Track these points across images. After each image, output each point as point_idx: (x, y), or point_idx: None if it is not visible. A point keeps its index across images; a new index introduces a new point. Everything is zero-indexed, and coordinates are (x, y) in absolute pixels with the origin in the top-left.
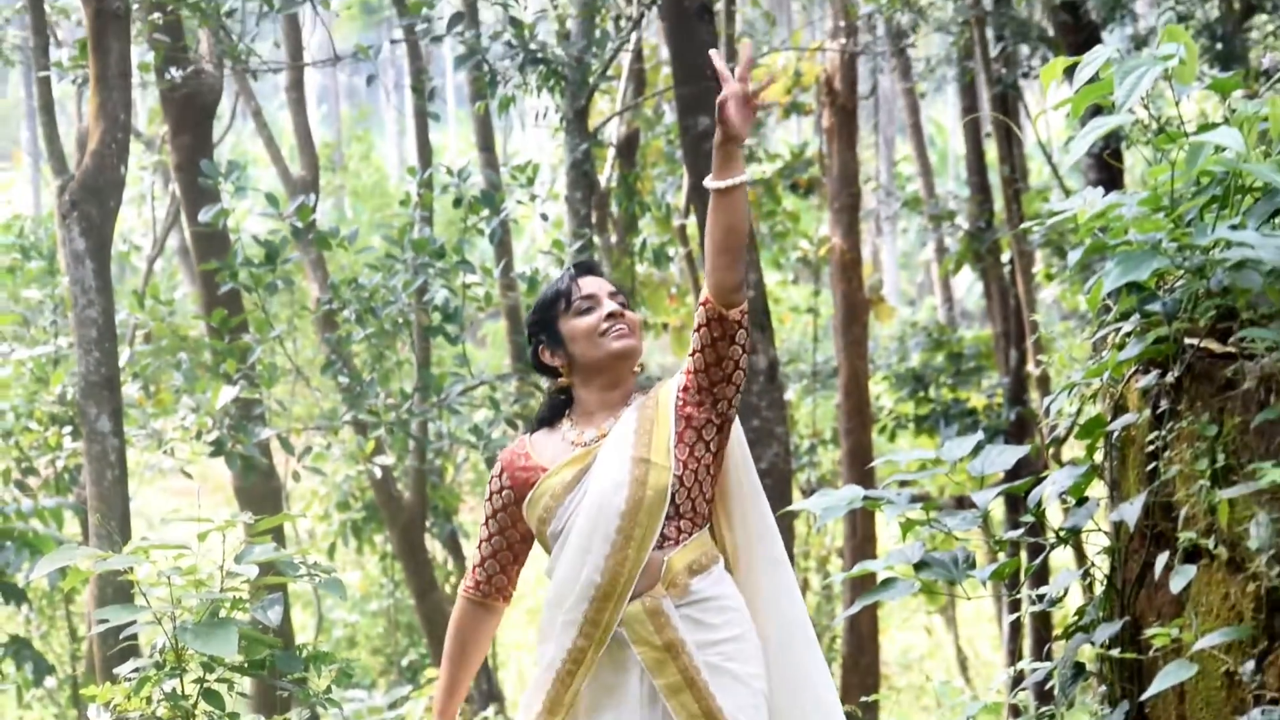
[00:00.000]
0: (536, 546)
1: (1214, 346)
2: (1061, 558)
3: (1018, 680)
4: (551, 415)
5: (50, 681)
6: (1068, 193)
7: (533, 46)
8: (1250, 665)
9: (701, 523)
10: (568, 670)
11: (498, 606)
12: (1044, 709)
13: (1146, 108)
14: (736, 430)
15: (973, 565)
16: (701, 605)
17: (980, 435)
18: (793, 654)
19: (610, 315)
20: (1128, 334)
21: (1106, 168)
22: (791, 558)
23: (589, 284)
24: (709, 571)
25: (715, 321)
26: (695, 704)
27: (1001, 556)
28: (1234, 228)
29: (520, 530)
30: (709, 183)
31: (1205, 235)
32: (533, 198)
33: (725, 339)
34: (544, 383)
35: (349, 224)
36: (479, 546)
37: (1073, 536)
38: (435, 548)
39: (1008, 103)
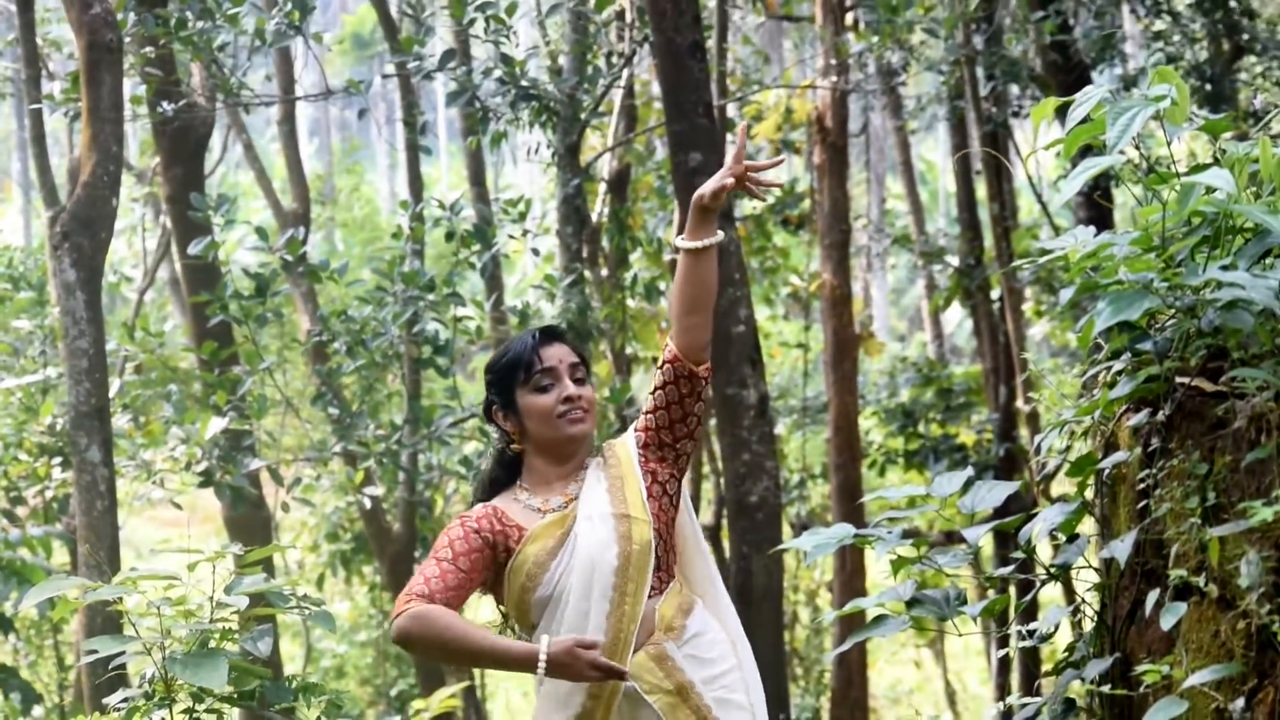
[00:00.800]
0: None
1: (1205, 385)
2: (1051, 594)
3: (1007, 715)
4: (504, 478)
5: (38, 711)
6: (1057, 230)
7: (524, 83)
8: (1240, 702)
9: (672, 573)
10: None
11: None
12: None
13: (1138, 148)
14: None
15: (963, 602)
16: (696, 642)
17: (970, 471)
18: (757, 691)
19: (567, 399)
20: (1119, 372)
21: (1097, 206)
22: (780, 591)
23: (550, 355)
24: (694, 609)
25: (685, 379)
26: None
27: (991, 593)
28: (1225, 268)
29: (478, 577)
30: (681, 242)
31: (1196, 275)
32: (524, 232)
33: (692, 396)
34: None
35: (340, 257)
36: (431, 576)
37: (1063, 573)
38: None
39: (998, 141)
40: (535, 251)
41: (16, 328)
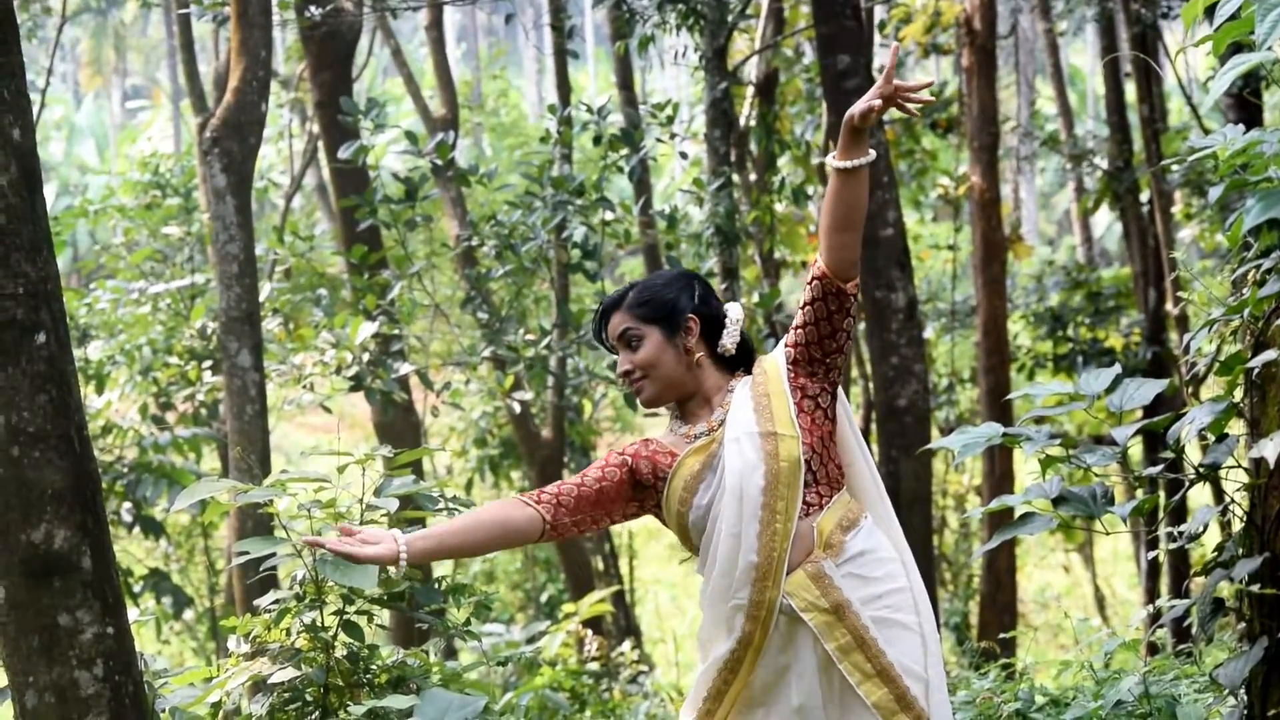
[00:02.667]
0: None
1: None
2: (1200, 495)
3: (1155, 617)
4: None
5: (189, 614)
6: (1206, 132)
7: None
8: None
9: (838, 486)
10: (736, 658)
11: (537, 521)
12: (1182, 646)
13: None
14: (839, 391)
15: (1111, 501)
16: (859, 560)
17: (1118, 369)
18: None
19: (622, 373)
20: (1268, 270)
21: (1246, 106)
22: (929, 496)
23: (606, 331)
24: (859, 526)
25: (833, 296)
26: (868, 663)
27: (1140, 493)
28: None
29: (611, 491)
30: (833, 161)
31: None
32: (672, 136)
33: (841, 312)
34: None
35: (487, 162)
36: (569, 483)
37: (1212, 473)
38: None
39: (1147, 42)
40: (683, 155)
41: (165, 234)
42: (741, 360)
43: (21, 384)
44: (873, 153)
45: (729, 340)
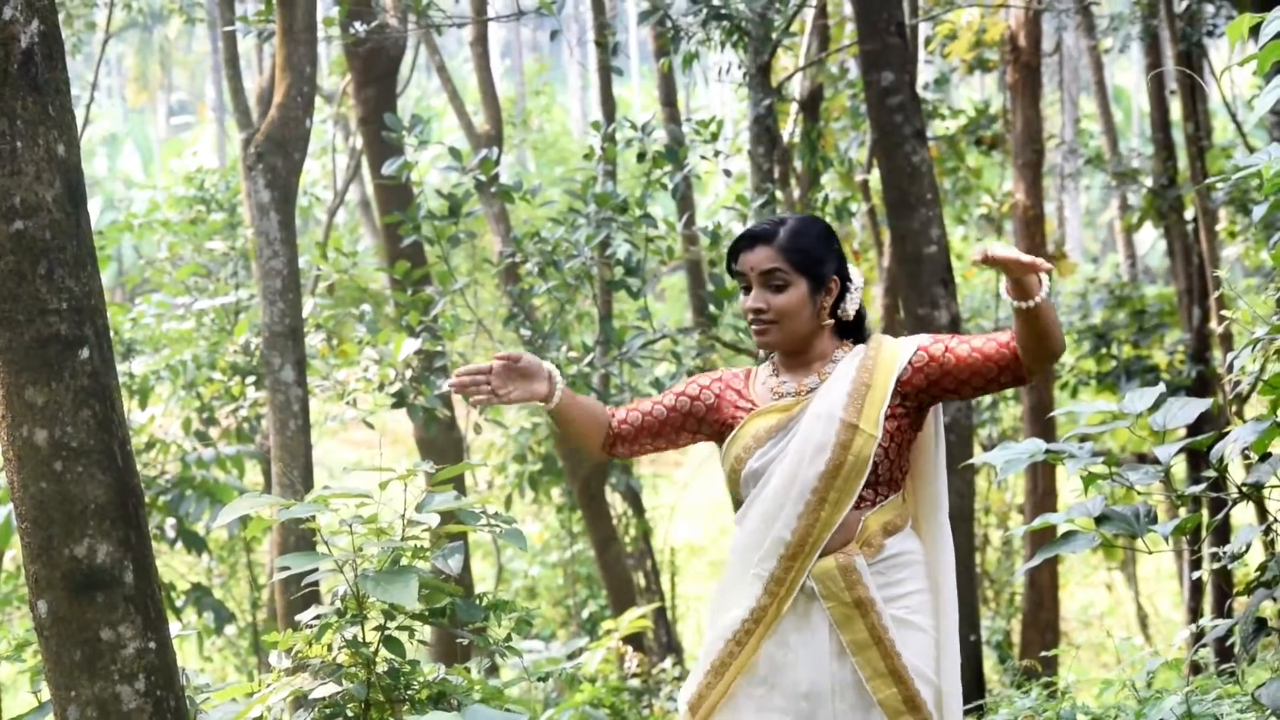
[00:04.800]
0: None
1: None
2: (1244, 514)
3: (1198, 637)
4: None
5: (231, 629)
6: (1252, 150)
7: (716, 2)
8: None
9: (897, 488)
10: (746, 630)
11: (607, 424)
12: (1225, 665)
13: None
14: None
15: (1154, 520)
16: (890, 562)
17: (1162, 388)
18: (948, 618)
19: (752, 310)
20: None
21: None
22: (972, 513)
23: (746, 260)
24: (901, 531)
25: (1010, 373)
26: (881, 661)
27: (1183, 512)
28: None
29: (676, 418)
30: (1014, 302)
31: None
32: (716, 153)
33: (998, 383)
34: (726, 336)
35: (531, 178)
36: (643, 407)
37: (1255, 492)
38: (615, 500)
39: (1192, 60)
40: (727, 172)
41: (210, 249)
42: (854, 329)
43: (65, 399)
44: (1044, 292)
45: (851, 306)
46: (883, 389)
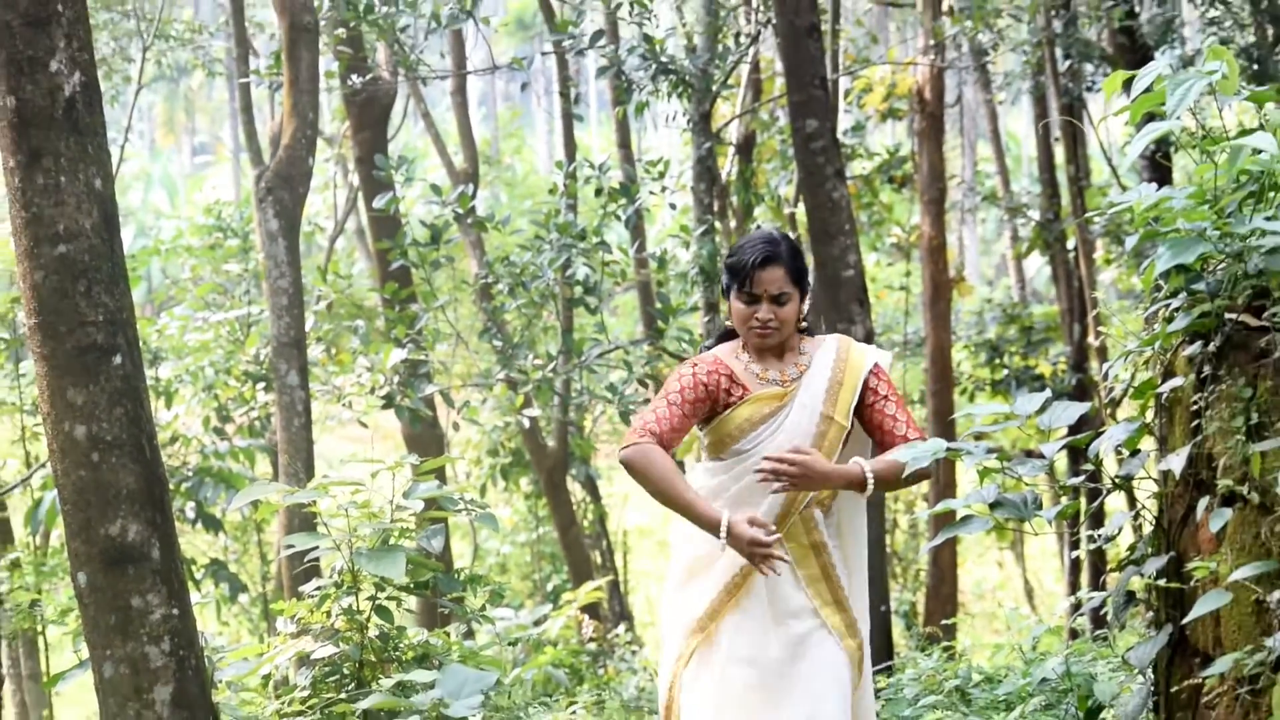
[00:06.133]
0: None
1: (1250, 320)
2: (1116, 502)
3: (1077, 607)
4: (726, 339)
5: (244, 598)
6: (1125, 189)
7: (664, 59)
8: (1277, 595)
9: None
10: (735, 584)
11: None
12: (1099, 632)
13: (1194, 116)
14: None
15: (1040, 506)
16: (839, 518)
17: (1048, 394)
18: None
19: (760, 319)
20: (1176, 309)
21: (1158, 168)
22: (882, 500)
23: (763, 278)
24: (841, 496)
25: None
26: (829, 592)
27: (1064, 500)
28: (1269, 219)
29: (694, 422)
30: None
31: (1244, 225)
32: (663, 189)
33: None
34: (671, 347)
35: (503, 210)
36: (662, 417)
37: (1126, 483)
38: (575, 488)
39: (1074, 112)
40: (672, 206)
41: (226, 270)
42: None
43: (100, 399)
44: (870, 487)
45: (807, 308)
46: (852, 388)
